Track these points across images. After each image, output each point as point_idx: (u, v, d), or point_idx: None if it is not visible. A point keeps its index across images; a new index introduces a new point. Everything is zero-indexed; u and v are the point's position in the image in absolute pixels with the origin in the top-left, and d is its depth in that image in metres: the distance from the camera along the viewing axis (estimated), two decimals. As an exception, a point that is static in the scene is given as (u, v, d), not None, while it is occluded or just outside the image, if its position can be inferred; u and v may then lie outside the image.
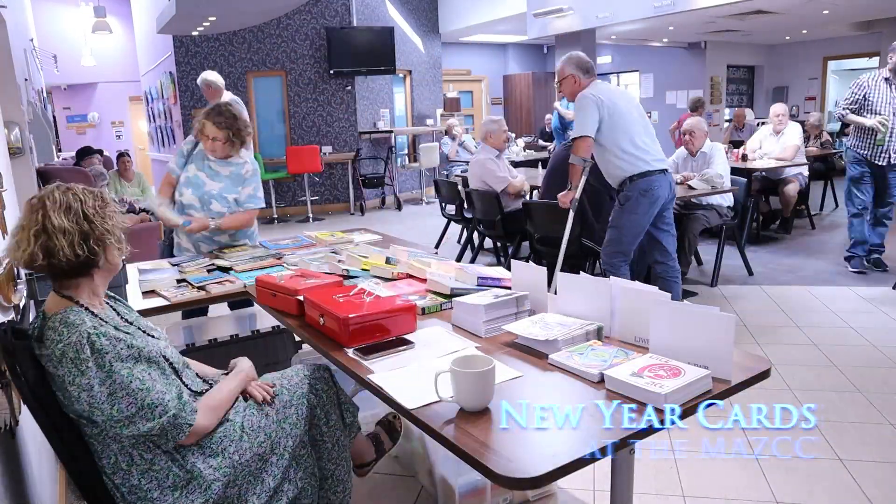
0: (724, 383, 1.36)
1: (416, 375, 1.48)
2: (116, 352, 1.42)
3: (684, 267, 4.66)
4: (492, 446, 1.15)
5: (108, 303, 1.61)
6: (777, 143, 6.31)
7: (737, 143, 7.42)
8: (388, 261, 2.39)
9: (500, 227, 4.94)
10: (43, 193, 1.48)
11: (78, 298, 1.49)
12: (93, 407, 1.39)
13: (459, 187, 5.61)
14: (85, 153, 7.15)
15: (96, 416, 1.40)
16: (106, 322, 1.49)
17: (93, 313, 1.49)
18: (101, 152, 7.13)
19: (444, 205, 6.20)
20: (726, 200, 4.96)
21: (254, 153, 8.79)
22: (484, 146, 5.14)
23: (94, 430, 1.44)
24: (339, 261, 2.47)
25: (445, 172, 8.56)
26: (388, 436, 2.03)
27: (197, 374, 1.71)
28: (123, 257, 1.60)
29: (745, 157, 6.34)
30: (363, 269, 2.37)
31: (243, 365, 1.75)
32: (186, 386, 1.58)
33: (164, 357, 1.55)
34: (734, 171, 5.34)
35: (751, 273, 4.99)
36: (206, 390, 1.64)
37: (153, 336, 1.62)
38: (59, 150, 10.36)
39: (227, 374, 1.76)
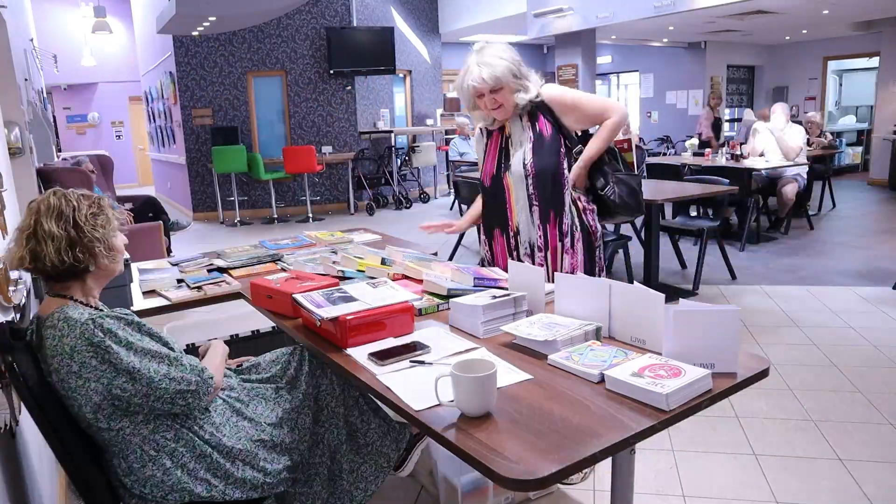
0: (729, 378, 1.36)
1: (417, 377, 1.47)
2: (123, 327, 1.44)
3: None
4: (494, 448, 1.15)
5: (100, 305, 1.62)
6: (775, 144, 6.32)
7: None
8: (383, 262, 2.39)
9: None
10: (41, 197, 1.50)
11: (72, 295, 1.51)
12: (134, 378, 1.39)
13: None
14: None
15: (138, 387, 1.40)
16: (102, 310, 1.52)
17: (90, 305, 1.51)
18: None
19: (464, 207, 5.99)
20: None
21: (254, 153, 8.82)
22: None
23: (113, 430, 1.44)
24: (334, 262, 2.47)
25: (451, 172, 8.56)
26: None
27: None
28: (119, 265, 1.61)
29: (736, 157, 6.38)
30: (359, 270, 2.36)
31: (217, 342, 1.89)
32: None
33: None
34: (729, 171, 5.64)
35: (734, 277, 4.93)
36: None
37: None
38: (59, 151, 10.35)
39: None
